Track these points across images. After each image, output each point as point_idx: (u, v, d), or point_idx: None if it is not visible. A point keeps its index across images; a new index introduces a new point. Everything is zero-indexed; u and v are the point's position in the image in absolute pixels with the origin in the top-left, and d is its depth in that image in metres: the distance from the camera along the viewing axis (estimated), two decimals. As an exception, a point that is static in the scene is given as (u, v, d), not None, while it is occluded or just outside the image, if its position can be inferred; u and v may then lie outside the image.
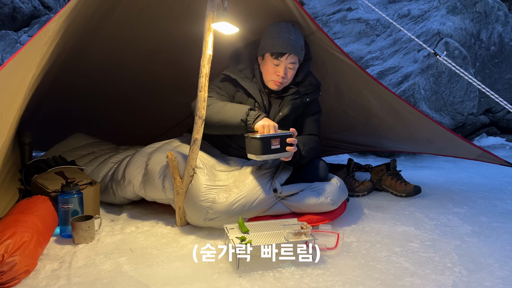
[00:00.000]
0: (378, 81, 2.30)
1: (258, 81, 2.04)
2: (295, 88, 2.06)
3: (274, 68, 1.97)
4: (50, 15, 8.87)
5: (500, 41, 4.71)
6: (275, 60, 1.96)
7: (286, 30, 1.96)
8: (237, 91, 2.07)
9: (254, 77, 2.06)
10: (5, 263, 1.32)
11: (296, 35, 1.97)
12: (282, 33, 1.95)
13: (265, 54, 2.00)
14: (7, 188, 2.06)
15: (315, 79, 2.13)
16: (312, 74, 2.15)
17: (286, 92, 2.07)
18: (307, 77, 2.11)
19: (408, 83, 3.95)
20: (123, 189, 2.12)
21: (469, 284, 1.39)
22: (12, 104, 1.57)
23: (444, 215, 2.12)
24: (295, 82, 2.08)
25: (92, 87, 2.78)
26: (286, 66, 1.97)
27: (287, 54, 1.94)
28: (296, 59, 1.99)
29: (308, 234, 1.57)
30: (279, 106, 2.07)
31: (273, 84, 2.01)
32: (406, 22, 4.72)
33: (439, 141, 2.70)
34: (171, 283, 1.40)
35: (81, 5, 1.67)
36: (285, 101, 2.06)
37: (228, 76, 2.05)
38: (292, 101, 2.05)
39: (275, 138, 1.78)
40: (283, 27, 1.97)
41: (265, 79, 2.04)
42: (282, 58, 1.95)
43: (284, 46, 1.93)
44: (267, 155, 1.79)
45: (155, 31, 2.30)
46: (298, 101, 2.07)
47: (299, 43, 1.98)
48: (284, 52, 1.94)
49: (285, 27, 1.97)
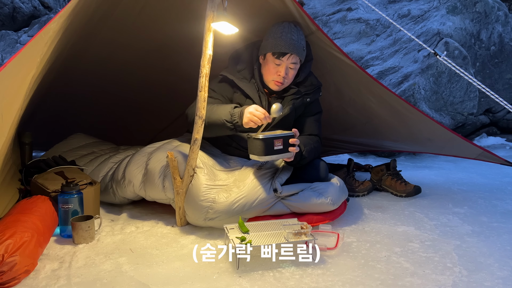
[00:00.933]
0: (378, 81, 2.31)
1: (257, 81, 2.04)
2: (296, 88, 2.06)
3: (275, 68, 1.97)
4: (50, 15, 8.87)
5: (500, 41, 4.71)
6: (277, 60, 1.96)
7: (288, 30, 1.96)
8: (235, 92, 2.07)
9: (252, 78, 2.06)
10: (5, 263, 1.32)
11: (298, 36, 1.98)
12: (285, 33, 1.95)
13: (266, 54, 2.00)
14: (7, 188, 2.06)
15: (316, 80, 2.14)
16: (313, 74, 2.15)
17: (286, 92, 2.07)
18: (308, 77, 2.11)
19: (408, 83, 3.95)
20: (123, 189, 2.12)
21: (469, 284, 1.39)
22: (12, 104, 1.57)
23: (444, 215, 2.12)
24: (296, 82, 2.08)
25: (92, 87, 2.78)
26: (287, 66, 1.97)
27: (288, 54, 1.94)
28: (298, 59, 1.99)
29: (308, 234, 1.57)
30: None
31: (274, 84, 2.01)
32: (406, 22, 4.72)
33: (439, 141, 2.70)
34: (171, 283, 1.40)
35: (81, 5, 1.67)
36: (285, 101, 2.06)
37: (226, 77, 2.05)
38: (293, 101, 2.05)
39: (278, 139, 1.79)
40: (285, 28, 1.97)
41: (266, 79, 2.04)
42: (284, 58, 1.95)
43: (286, 46, 1.94)
44: (269, 156, 1.79)
45: (155, 31, 2.30)
46: (299, 101, 2.07)
47: (301, 43, 1.98)
48: (286, 52, 1.94)
49: (288, 27, 1.98)
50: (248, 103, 2.03)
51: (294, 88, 2.07)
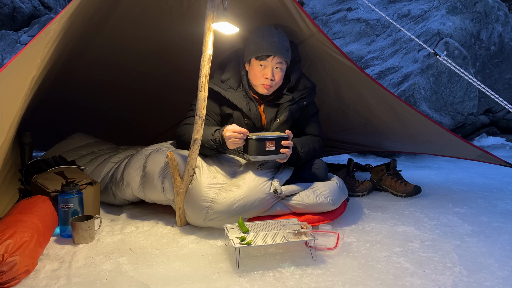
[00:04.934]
0: (377, 83, 2.30)
1: (246, 87, 2.03)
2: (290, 95, 2.05)
3: (261, 71, 1.97)
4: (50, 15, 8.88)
5: (500, 41, 4.71)
6: (262, 62, 1.95)
7: (268, 34, 1.96)
8: (222, 105, 2.05)
9: (239, 86, 2.05)
10: (5, 263, 1.32)
11: (279, 37, 1.97)
12: (265, 37, 1.95)
13: (251, 59, 1.99)
14: (7, 188, 2.06)
15: (309, 81, 2.12)
16: (305, 75, 2.14)
17: (281, 99, 2.06)
18: (300, 80, 2.09)
19: (408, 83, 3.95)
20: (122, 191, 2.11)
21: (469, 284, 1.39)
22: (12, 104, 1.57)
23: (444, 215, 2.12)
24: (289, 87, 2.06)
25: (92, 87, 2.78)
26: (273, 68, 1.96)
27: (272, 56, 1.94)
28: (283, 60, 1.98)
29: (308, 234, 1.57)
30: (276, 113, 2.07)
31: (263, 88, 2.00)
32: (406, 22, 4.72)
33: (439, 142, 2.70)
34: (171, 283, 1.41)
35: (82, 5, 1.67)
36: (281, 107, 2.06)
37: (211, 89, 1.96)
38: (289, 107, 2.05)
39: (270, 140, 1.84)
40: (265, 31, 1.97)
41: (254, 84, 2.02)
42: (268, 60, 1.94)
43: (268, 49, 1.93)
44: (261, 156, 1.85)
45: (155, 31, 2.30)
46: (295, 107, 2.06)
47: (284, 44, 1.97)
48: (269, 54, 1.93)
49: (268, 30, 1.97)
50: (236, 114, 2.03)
51: (288, 95, 2.06)
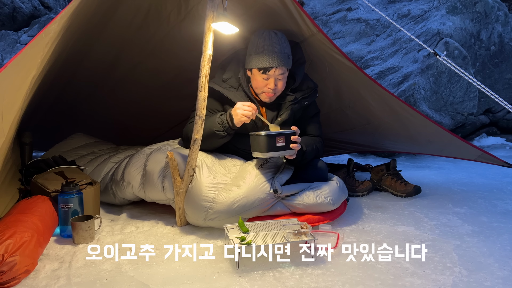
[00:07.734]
0: (377, 83, 2.30)
1: (246, 88, 2.03)
2: (292, 95, 2.05)
3: (263, 81, 1.96)
4: (50, 15, 8.88)
5: (500, 41, 4.71)
6: (264, 75, 1.94)
7: (269, 43, 1.93)
8: (224, 104, 2.05)
9: (240, 85, 2.04)
10: (5, 263, 1.32)
11: (280, 45, 1.94)
12: (266, 46, 1.92)
13: (252, 69, 1.99)
14: (7, 188, 2.07)
15: (311, 82, 2.12)
16: (308, 76, 2.14)
17: (283, 99, 2.06)
18: (304, 81, 2.09)
19: (408, 83, 3.95)
20: (122, 190, 2.12)
21: (469, 284, 1.39)
22: (12, 104, 1.57)
23: (444, 215, 2.12)
24: (292, 88, 2.06)
25: (91, 87, 2.79)
26: (275, 78, 1.96)
27: (274, 68, 1.93)
28: (285, 70, 1.97)
29: (308, 234, 1.57)
30: (277, 112, 2.07)
31: (265, 97, 2.01)
32: (406, 22, 4.72)
33: (439, 142, 2.70)
34: (171, 283, 1.41)
35: (82, 6, 1.67)
36: (284, 106, 2.06)
37: (212, 89, 1.97)
38: (291, 106, 2.05)
39: (280, 136, 1.82)
40: (266, 40, 1.94)
41: (256, 91, 2.03)
42: (270, 72, 1.93)
43: (270, 61, 1.91)
44: (272, 153, 1.82)
45: (155, 31, 2.30)
46: (297, 106, 2.06)
47: (285, 52, 1.95)
48: (272, 67, 1.92)
49: (269, 39, 1.94)
50: None
51: (291, 95, 2.05)
